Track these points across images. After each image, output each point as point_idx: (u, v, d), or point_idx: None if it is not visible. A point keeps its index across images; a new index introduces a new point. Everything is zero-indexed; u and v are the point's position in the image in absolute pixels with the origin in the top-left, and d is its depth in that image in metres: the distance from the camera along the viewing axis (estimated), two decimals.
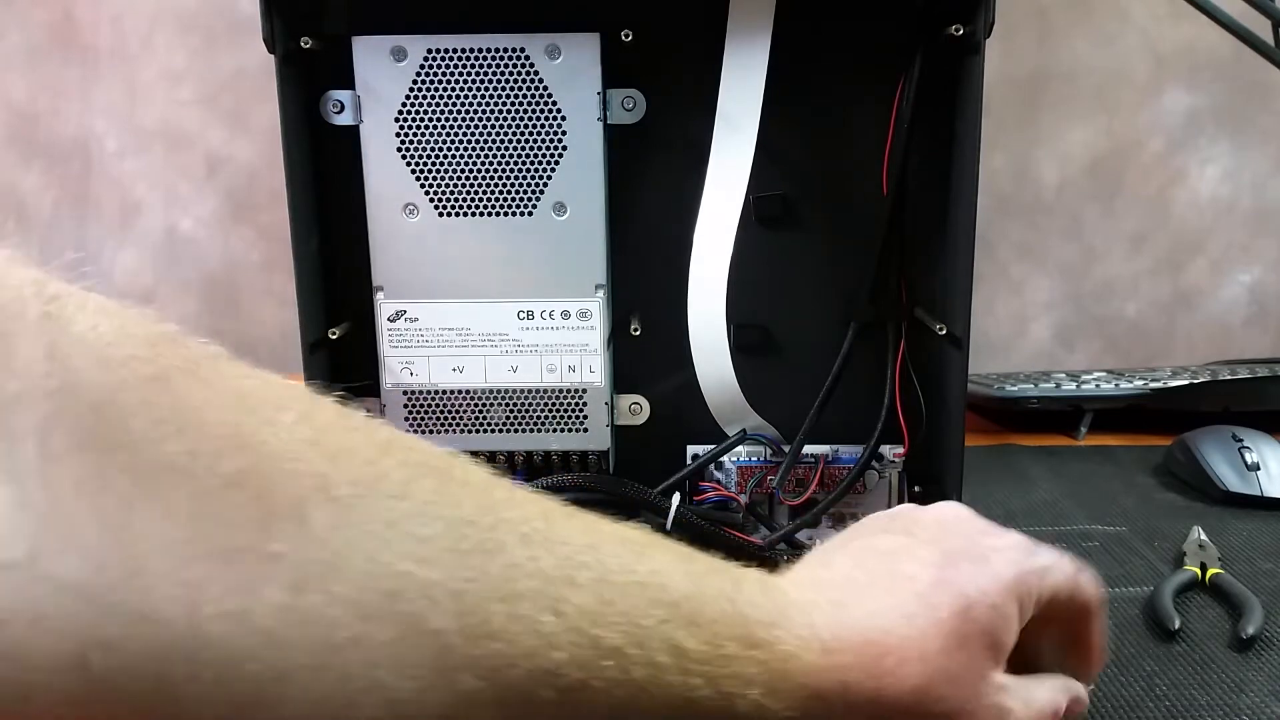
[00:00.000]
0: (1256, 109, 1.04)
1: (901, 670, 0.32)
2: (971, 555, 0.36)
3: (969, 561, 0.35)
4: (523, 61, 0.51)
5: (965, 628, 0.34)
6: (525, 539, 0.28)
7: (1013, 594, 0.35)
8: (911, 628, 0.33)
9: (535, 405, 0.55)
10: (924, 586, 0.34)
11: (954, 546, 0.36)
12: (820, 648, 0.32)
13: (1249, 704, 0.47)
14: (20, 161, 1.14)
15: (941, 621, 0.33)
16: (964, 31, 0.48)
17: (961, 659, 0.33)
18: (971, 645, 0.34)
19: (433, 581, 0.26)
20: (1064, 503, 0.73)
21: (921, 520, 0.38)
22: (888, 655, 0.33)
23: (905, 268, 0.54)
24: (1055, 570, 0.37)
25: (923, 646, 0.33)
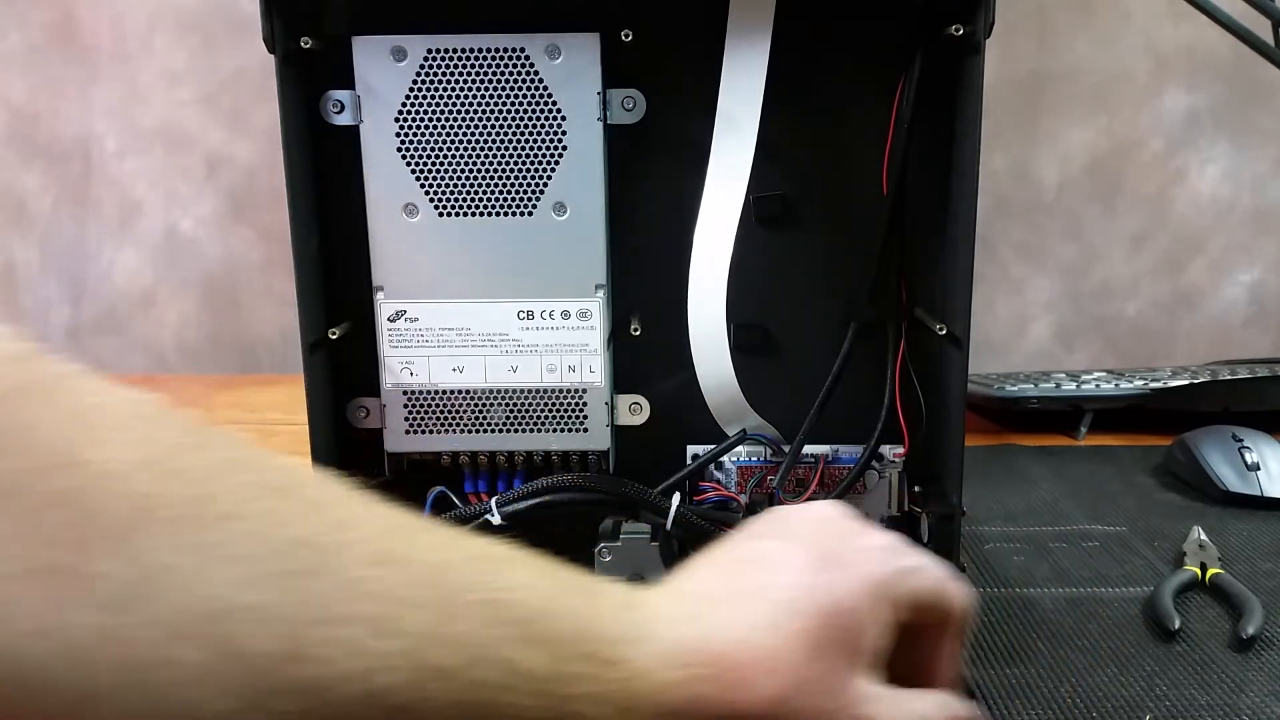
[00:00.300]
0: (1256, 109, 1.05)
1: (755, 682, 0.32)
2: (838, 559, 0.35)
3: (834, 566, 0.35)
4: (523, 61, 0.51)
5: (824, 635, 0.33)
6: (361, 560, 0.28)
7: (875, 596, 0.34)
8: (767, 639, 0.33)
9: (535, 405, 0.55)
10: (783, 595, 0.34)
11: (824, 549, 0.36)
12: (673, 663, 0.32)
13: (1249, 704, 0.47)
14: (20, 161, 1.14)
15: (797, 631, 0.33)
16: (964, 31, 0.48)
17: (820, 668, 0.33)
18: (830, 654, 0.33)
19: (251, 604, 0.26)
20: (1064, 503, 0.73)
21: (792, 523, 0.38)
22: (740, 668, 0.32)
23: (905, 268, 0.54)
24: (922, 572, 0.36)
25: (777, 659, 0.32)
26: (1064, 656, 0.52)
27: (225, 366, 1.17)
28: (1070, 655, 0.52)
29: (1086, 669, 0.51)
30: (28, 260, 1.16)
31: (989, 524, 0.69)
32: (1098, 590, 0.59)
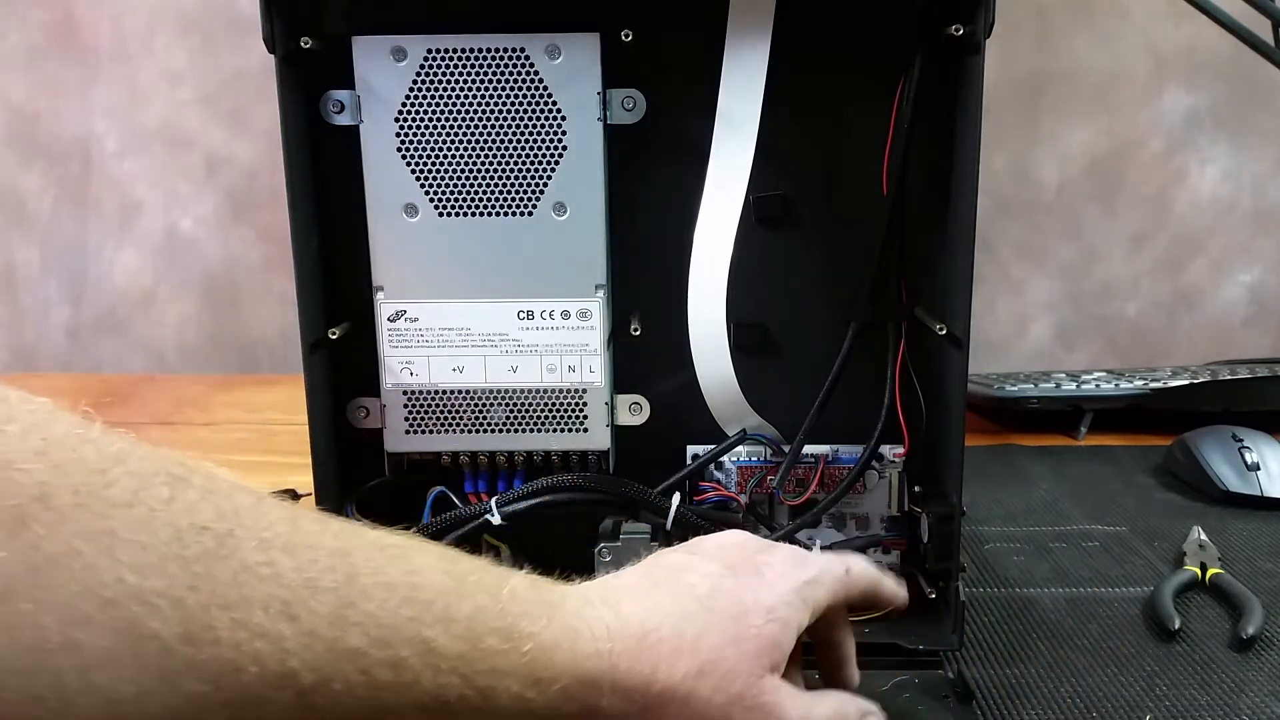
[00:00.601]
0: (1256, 109, 1.05)
1: (674, 658, 0.35)
2: (748, 569, 0.39)
3: (745, 574, 0.38)
4: (523, 61, 0.51)
5: (740, 629, 0.36)
6: (264, 544, 0.29)
7: (787, 602, 0.38)
8: (687, 624, 0.35)
9: (535, 405, 0.55)
10: (703, 592, 0.37)
11: (731, 561, 0.39)
12: (591, 636, 0.34)
13: (1249, 704, 0.47)
14: (20, 161, 1.14)
15: (716, 623, 0.36)
16: (964, 31, 0.48)
17: (735, 655, 0.35)
18: (746, 645, 0.36)
19: (152, 590, 0.26)
20: (1064, 503, 0.73)
21: (705, 543, 0.41)
22: (661, 644, 0.35)
23: (905, 268, 0.54)
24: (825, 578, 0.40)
25: (696, 641, 0.35)
26: (1064, 656, 0.52)
27: (225, 366, 1.17)
28: (1070, 655, 0.52)
29: (1086, 669, 0.51)
30: (28, 260, 1.16)
31: (989, 524, 0.69)
32: (1098, 590, 0.59)
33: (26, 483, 0.25)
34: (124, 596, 0.26)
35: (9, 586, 0.24)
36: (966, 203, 0.48)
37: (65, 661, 0.25)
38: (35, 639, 0.25)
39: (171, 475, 0.28)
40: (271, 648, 0.28)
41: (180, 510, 0.27)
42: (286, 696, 0.28)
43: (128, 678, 0.26)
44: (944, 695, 0.48)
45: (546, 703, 0.33)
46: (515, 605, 0.33)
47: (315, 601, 0.29)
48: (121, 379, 1.10)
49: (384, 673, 0.30)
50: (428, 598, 0.31)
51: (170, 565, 0.27)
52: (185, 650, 0.26)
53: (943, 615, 0.52)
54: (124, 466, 0.27)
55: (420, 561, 0.32)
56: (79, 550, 0.25)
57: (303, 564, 0.29)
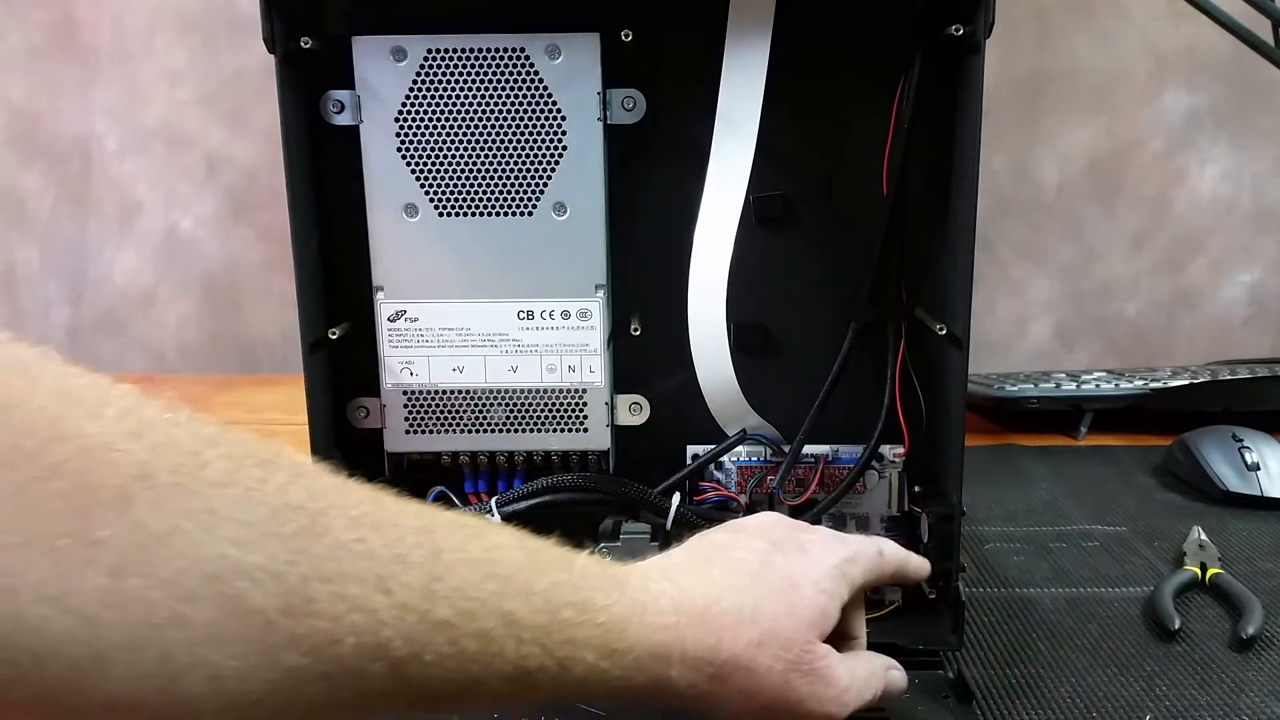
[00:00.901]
0: (1256, 109, 1.05)
1: (738, 629, 0.36)
2: (793, 546, 0.41)
3: (791, 551, 0.41)
4: (523, 61, 0.51)
5: (794, 600, 0.38)
6: (353, 522, 0.29)
7: (832, 577, 0.40)
8: (745, 597, 0.37)
9: (535, 405, 0.55)
10: (755, 567, 0.39)
11: (776, 538, 0.41)
12: (658, 610, 0.35)
13: (1249, 704, 0.47)
14: (20, 161, 1.14)
15: (771, 595, 0.38)
16: (964, 31, 0.48)
17: (791, 624, 0.38)
18: (800, 615, 0.38)
19: (254, 564, 0.27)
20: (1064, 503, 0.73)
21: (746, 523, 0.44)
22: (724, 616, 0.36)
23: (905, 268, 0.54)
24: (862, 555, 0.42)
25: (755, 612, 0.37)
26: (1064, 656, 0.52)
27: (225, 366, 1.17)
28: (1070, 655, 0.52)
29: (1086, 669, 0.51)
30: (28, 260, 1.16)
31: (989, 524, 0.69)
32: (1098, 590, 0.59)
33: (127, 463, 0.26)
34: (228, 571, 0.26)
35: (118, 563, 0.25)
36: (966, 203, 0.48)
37: (173, 636, 0.25)
38: (144, 615, 0.25)
39: (260, 458, 0.29)
40: (367, 619, 0.28)
41: (273, 490, 0.28)
42: (380, 668, 0.29)
43: (232, 652, 0.26)
44: (944, 695, 0.48)
45: (620, 673, 0.34)
46: (587, 580, 0.34)
47: (406, 575, 0.29)
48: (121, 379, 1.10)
49: (471, 643, 0.30)
50: (507, 572, 0.32)
51: (269, 541, 0.27)
52: (286, 623, 0.27)
53: (943, 615, 0.52)
54: (217, 449, 0.28)
55: (496, 539, 0.33)
56: (183, 527, 0.26)
57: (390, 540, 0.30)
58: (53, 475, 0.24)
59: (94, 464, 0.25)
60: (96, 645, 0.25)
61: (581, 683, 0.33)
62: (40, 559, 0.24)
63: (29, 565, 0.24)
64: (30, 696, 0.24)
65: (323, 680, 0.28)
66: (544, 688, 0.33)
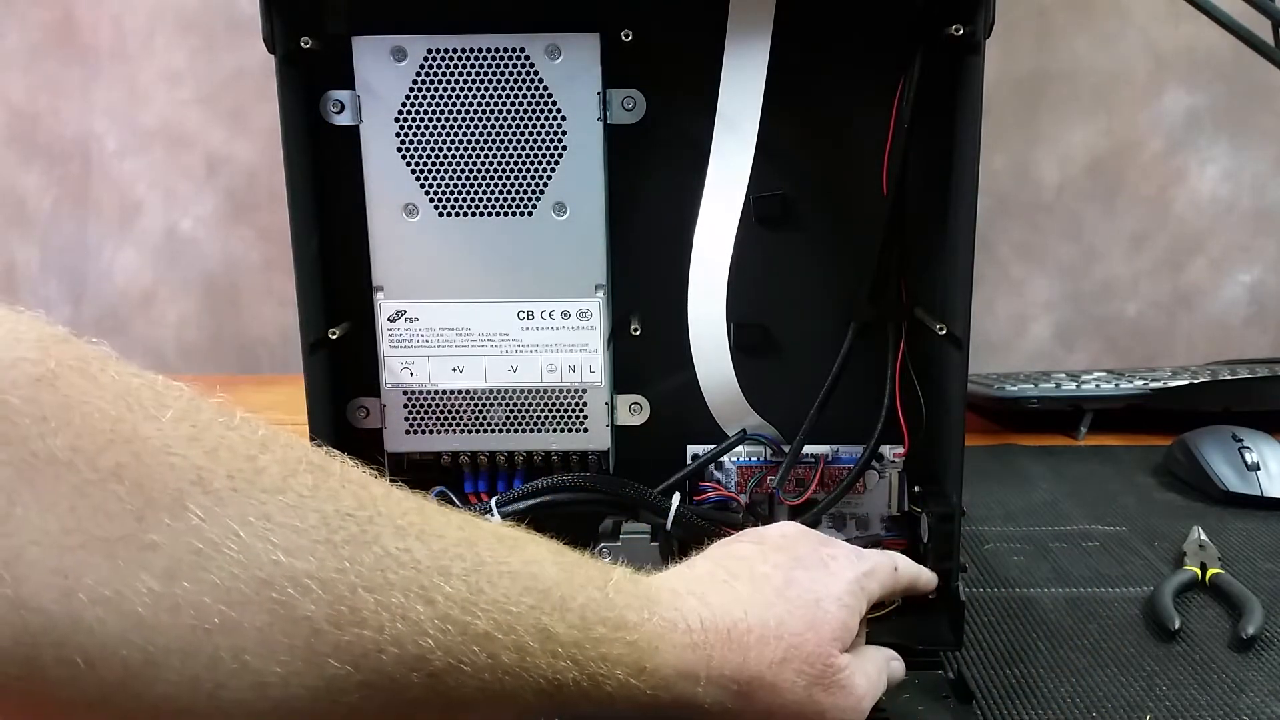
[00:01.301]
0: (1256, 109, 1.04)
1: (763, 647, 0.37)
2: (814, 561, 0.42)
3: (813, 566, 0.41)
4: (523, 61, 0.51)
5: (816, 616, 0.39)
6: (400, 532, 0.30)
7: (851, 592, 0.41)
8: (769, 614, 0.38)
9: (535, 405, 0.55)
10: (778, 583, 0.40)
11: (798, 553, 0.42)
12: (686, 628, 0.36)
13: (1249, 704, 0.47)
14: (20, 161, 1.14)
15: (794, 611, 0.39)
16: (964, 31, 0.48)
17: (814, 640, 0.38)
18: (823, 631, 0.39)
19: (304, 571, 0.27)
20: (1064, 503, 0.73)
21: (767, 534, 0.44)
22: (750, 634, 0.37)
23: (905, 268, 0.54)
24: (879, 570, 0.44)
25: (780, 629, 0.38)
26: (1064, 656, 0.52)
27: (225, 366, 1.17)
28: (1070, 655, 0.52)
29: (1086, 669, 0.51)
30: (28, 260, 1.16)
31: (989, 524, 0.69)
32: (1098, 590, 0.59)
33: (183, 467, 0.26)
34: (279, 578, 0.27)
35: (172, 568, 0.25)
36: (966, 203, 0.48)
37: (222, 642, 0.26)
38: (196, 619, 0.25)
39: (313, 464, 0.29)
40: (409, 630, 0.29)
41: (325, 496, 0.28)
42: (419, 678, 0.29)
43: (279, 659, 0.27)
44: (944, 695, 0.48)
45: (649, 690, 0.34)
46: (620, 597, 0.35)
47: (449, 587, 0.30)
48: None
49: (508, 657, 0.31)
50: (545, 587, 0.32)
51: (320, 549, 0.27)
52: (332, 631, 0.27)
53: (943, 615, 0.52)
54: (270, 454, 0.28)
55: (534, 552, 0.34)
56: (237, 533, 0.26)
57: (435, 551, 0.30)
58: (111, 478, 0.25)
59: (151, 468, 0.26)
60: (148, 648, 0.25)
61: (611, 698, 0.34)
62: (97, 561, 0.24)
63: (86, 566, 0.24)
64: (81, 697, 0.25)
65: (363, 689, 0.28)
66: (574, 701, 0.33)
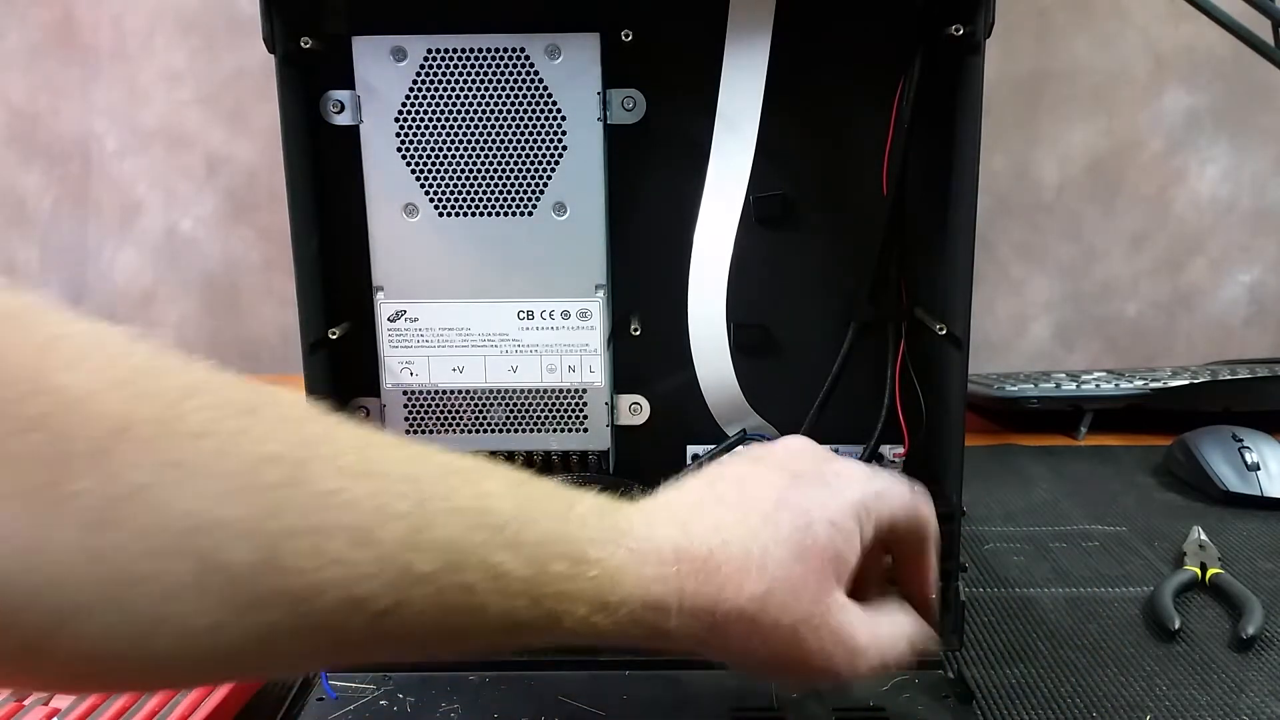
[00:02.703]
0: (1256, 109, 1.05)
1: (740, 579, 0.34)
2: (814, 478, 0.38)
3: (811, 484, 0.37)
4: (523, 61, 0.51)
5: (806, 542, 0.35)
6: (339, 471, 0.29)
7: (852, 513, 0.37)
8: (753, 542, 0.35)
9: (535, 405, 0.55)
10: (768, 506, 0.36)
11: (798, 469, 0.38)
12: (658, 559, 0.33)
13: (1249, 704, 0.47)
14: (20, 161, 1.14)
15: (783, 538, 0.35)
16: (964, 31, 0.48)
17: (801, 572, 0.35)
18: (811, 560, 0.35)
19: (231, 518, 0.26)
20: (1064, 503, 0.73)
21: (771, 450, 0.40)
22: (728, 564, 0.34)
23: (905, 268, 0.54)
24: (892, 493, 0.39)
25: (763, 558, 0.34)
26: (1064, 656, 0.52)
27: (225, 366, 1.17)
28: (1070, 655, 0.52)
29: (1086, 669, 0.51)
30: (28, 260, 1.16)
31: (989, 524, 0.69)
32: (1098, 590, 0.59)
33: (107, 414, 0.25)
34: (205, 525, 0.26)
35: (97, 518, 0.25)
36: (966, 203, 0.48)
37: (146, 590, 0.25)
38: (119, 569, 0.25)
39: (243, 406, 0.28)
40: (346, 573, 0.28)
41: (252, 441, 0.28)
42: (360, 620, 0.28)
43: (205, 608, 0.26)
44: (944, 695, 0.48)
45: (614, 625, 0.33)
46: (583, 530, 0.33)
47: (387, 528, 0.29)
48: None
49: (455, 596, 0.30)
50: (497, 522, 0.31)
51: (243, 495, 0.27)
52: (262, 579, 0.27)
53: (943, 615, 0.52)
54: (198, 399, 0.27)
55: (489, 486, 0.32)
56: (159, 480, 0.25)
57: (374, 490, 0.29)
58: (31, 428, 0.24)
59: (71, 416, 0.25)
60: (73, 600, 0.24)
61: (573, 633, 0.32)
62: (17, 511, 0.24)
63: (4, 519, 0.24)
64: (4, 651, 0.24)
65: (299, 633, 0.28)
66: (534, 637, 0.32)
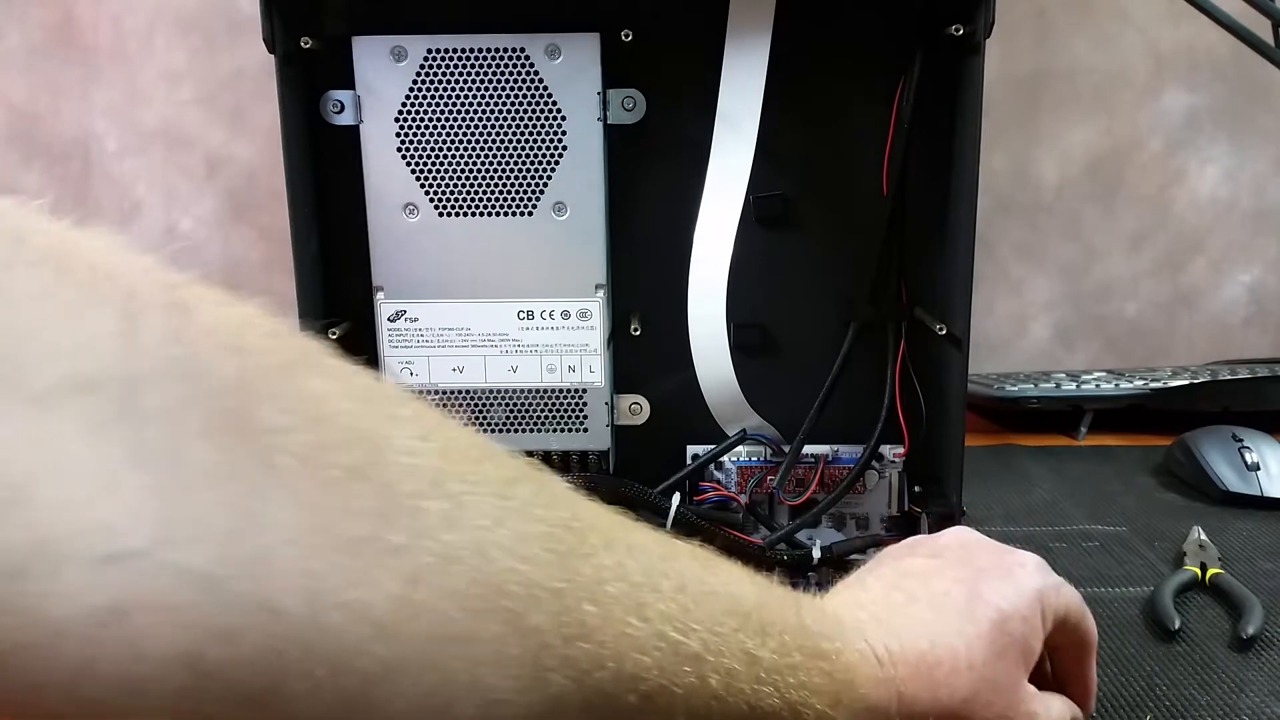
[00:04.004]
0: (1256, 109, 1.04)
1: (953, 680, 0.35)
2: (998, 571, 0.38)
3: (997, 578, 0.38)
4: (523, 61, 0.51)
5: (1002, 639, 0.36)
6: (610, 545, 0.28)
7: (1037, 606, 0.37)
8: (957, 640, 0.35)
9: (535, 405, 0.55)
10: (961, 603, 0.37)
11: (981, 564, 0.39)
12: (875, 660, 0.34)
13: (1249, 704, 0.47)
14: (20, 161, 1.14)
15: (982, 634, 0.36)
16: (964, 31, 0.48)
17: (1002, 668, 0.36)
18: (1009, 655, 0.36)
19: (535, 580, 0.25)
20: (1064, 503, 0.73)
21: (943, 543, 0.41)
22: (939, 666, 0.35)
23: (905, 268, 0.54)
24: (1066, 589, 0.40)
25: (970, 657, 0.35)
26: None
27: None
28: None
29: None
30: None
31: (989, 524, 0.69)
32: (1098, 590, 0.59)
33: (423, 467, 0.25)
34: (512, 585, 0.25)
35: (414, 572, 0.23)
36: (966, 203, 0.48)
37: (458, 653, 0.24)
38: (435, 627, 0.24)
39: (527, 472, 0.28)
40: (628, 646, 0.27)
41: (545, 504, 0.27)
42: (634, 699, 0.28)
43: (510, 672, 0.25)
44: None
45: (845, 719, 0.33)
46: (814, 623, 0.33)
47: (660, 604, 0.28)
48: None
49: (716, 680, 0.29)
50: (745, 609, 0.31)
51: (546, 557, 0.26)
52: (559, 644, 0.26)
53: None
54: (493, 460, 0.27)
55: (731, 573, 0.32)
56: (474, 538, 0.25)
57: (644, 566, 0.29)
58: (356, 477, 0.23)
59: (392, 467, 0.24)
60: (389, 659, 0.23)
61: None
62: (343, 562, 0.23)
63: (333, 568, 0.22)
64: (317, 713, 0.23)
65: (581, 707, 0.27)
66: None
